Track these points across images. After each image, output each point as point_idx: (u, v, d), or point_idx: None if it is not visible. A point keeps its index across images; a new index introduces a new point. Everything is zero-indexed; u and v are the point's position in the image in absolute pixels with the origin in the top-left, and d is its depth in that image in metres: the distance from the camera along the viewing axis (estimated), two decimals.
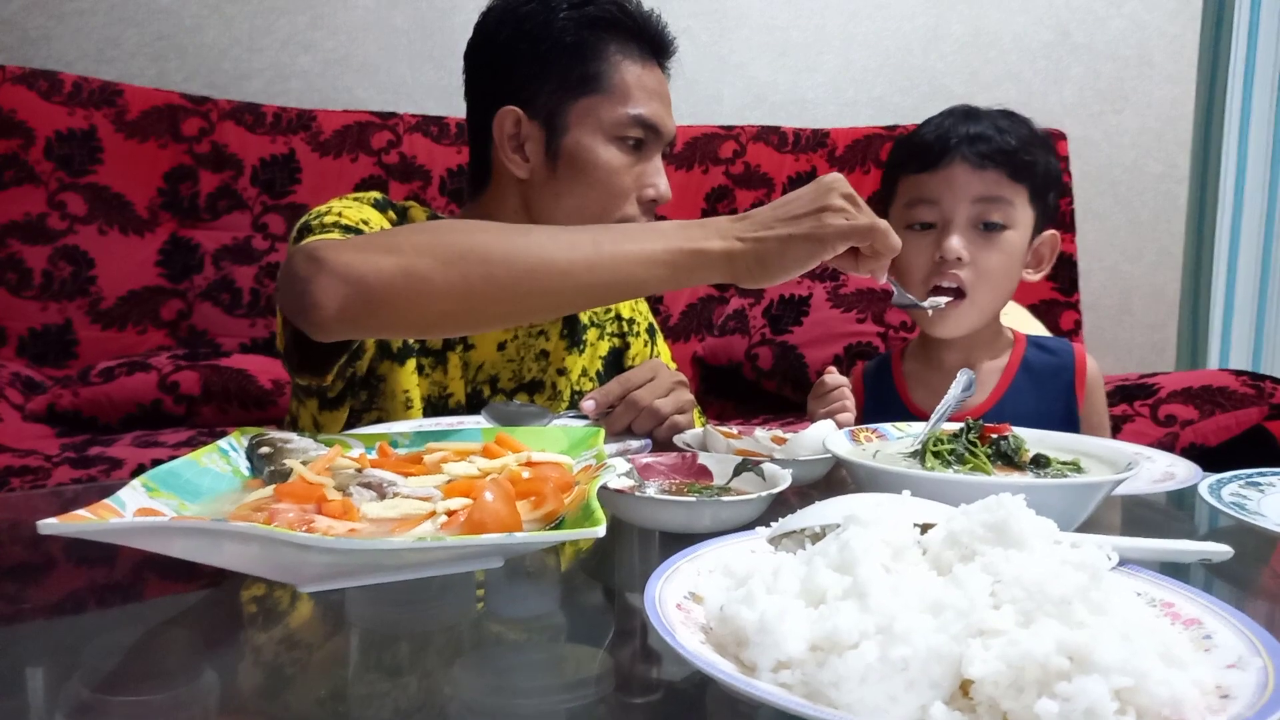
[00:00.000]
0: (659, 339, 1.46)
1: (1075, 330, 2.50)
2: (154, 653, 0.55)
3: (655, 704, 0.49)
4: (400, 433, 0.85)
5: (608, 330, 1.39)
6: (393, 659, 0.54)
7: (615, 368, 1.38)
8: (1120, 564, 0.53)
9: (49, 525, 0.50)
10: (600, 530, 0.53)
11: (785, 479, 0.76)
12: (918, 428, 0.89)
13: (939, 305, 1.10)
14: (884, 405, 1.19)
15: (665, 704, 0.49)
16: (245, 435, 0.79)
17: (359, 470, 0.70)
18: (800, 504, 0.59)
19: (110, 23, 2.33)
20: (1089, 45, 2.81)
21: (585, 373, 1.33)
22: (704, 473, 0.83)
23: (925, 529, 0.51)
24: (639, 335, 1.42)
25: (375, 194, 1.17)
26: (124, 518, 0.55)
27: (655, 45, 1.17)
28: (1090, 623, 0.41)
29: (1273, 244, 2.89)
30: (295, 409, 1.15)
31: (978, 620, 0.41)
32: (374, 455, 0.78)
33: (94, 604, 0.66)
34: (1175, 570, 0.58)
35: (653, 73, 1.16)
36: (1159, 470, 0.93)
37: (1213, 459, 1.19)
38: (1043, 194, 1.17)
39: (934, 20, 2.74)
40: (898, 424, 0.92)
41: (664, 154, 1.18)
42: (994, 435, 0.80)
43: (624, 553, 0.75)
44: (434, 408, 1.19)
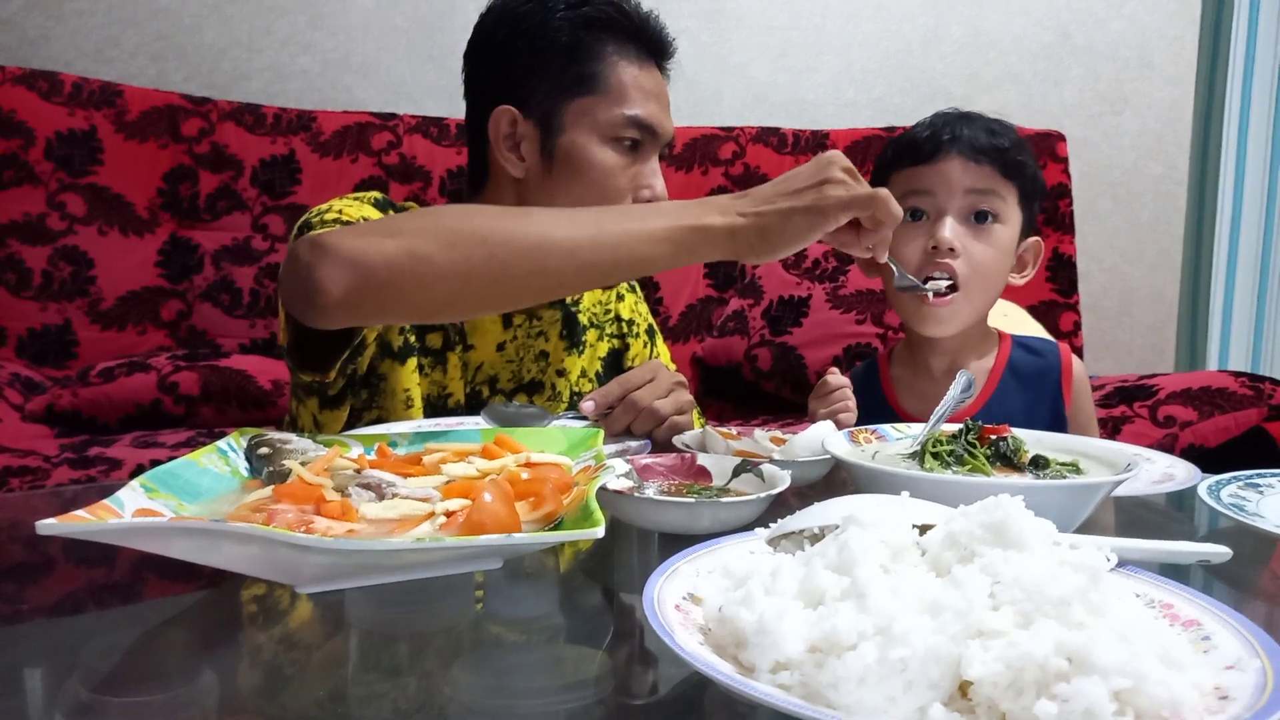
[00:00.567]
0: (659, 340, 1.46)
1: (1075, 332, 2.50)
2: (153, 653, 0.55)
3: (654, 705, 0.49)
4: (399, 433, 0.85)
5: (607, 331, 1.39)
6: (392, 660, 0.54)
7: (615, 369, 1.38)
8: (1119, 565, 0.53)
9: (48, 526, 0.50)
10: (599, 531, 0.53)
11: (784, 480, 0.76)
12: (917, 429, 0.89)
13: (939, 289, 1.12)
14: (872, 409, 1.19)
15: (664, 705, 0.49)
16: (244, 436, 0.79)
17: (358, 471, 0.70)
18: (799, 505, 0.59)
19: (109, 23, 2.33)
20: (1089, 47, 2.81)
21: (584, 374, 1.33)
22: (703, 474, 0.83)
23: (924, 530, 0.50)
24: (638, 336, 1.42)
25: (375, 194, 1.17)
26: (123, 518, 0.55)
27: (653, 46, 1.17)
28: (1089, 624, 0.41)
29: (1272, 245, 2.90)
30: (295, 409, 1.15)
31: (976, 621, 0.41)
32: (373, 456, 0.77)
33: (93, 604, 0.66)
34: (1174, 572, 0.58)
35: (650, 73, 1.16)
36: (1158, 471, 0.93)
37: (1212, 460, 1.19)
38: (1030, 199, 1.19)
39: (934, 21, 2.74)
40: (896, 425, 0.92)
41: (662, 155, 1.18)
42: (993, 436, 0.80)
43: (623, 554, 0.75)
44: (433, 408, 1.19)
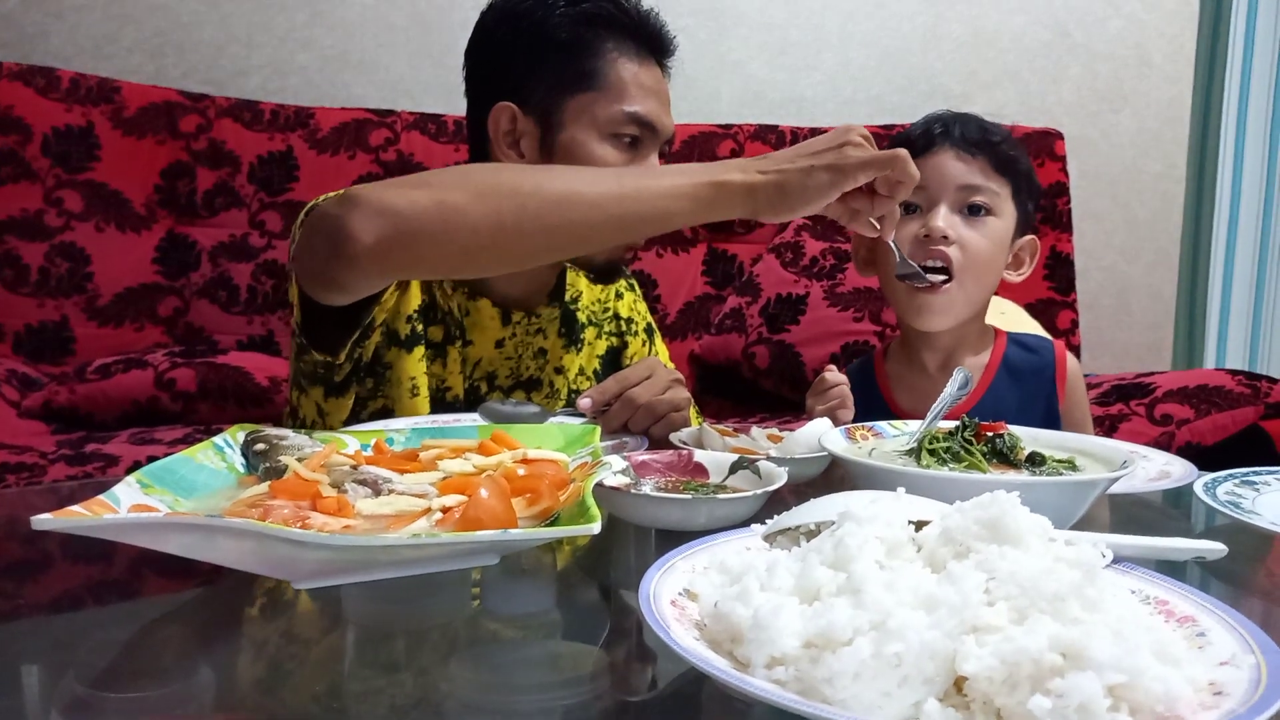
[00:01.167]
0: (657, 338, 1.46)
1: (1072, 330, 2.50)
2: (149, 649, 0.55)
3: (650, 701, 0.49)
4: (395, 430, 0.85)
5: (605, 329, 1.39)
6: (388, 656, 0.54)
7: (613, 366, 1.38)
8: (1115, 562, 0.53)
9: (43, 521, 0.50)
10: (596, 527, 0.53)
11: (781, 477, 0.76)
12: (914, 426, 0.89)
13: (935, 280, 1.13)
14: (867, 406, 1.19)
15: (660, 700, 0.49)
16: (241, 432, 0.79)
17: (354, 467, 0.70)
18: (796, 502, 0.59)
19: (107, 19, 2.33)
20: (1087, 45, 2.81)
21: (583, 371, 1.33)
22: (700, 470, 0.83)
23: (920, 526, 0.51)
24: (637, 334, 1.42)
25: None
26: (119, 514, 0.55)
27: (653, 43, 1.17)
28: (1084, 619, 0.41)
29: (1269, 244, 2.90)
30: (296, 399, 1.15)
31: (971, 617, 0.41)
32: (369, 452, 0.77)
33: (89, 600, 0.66)
34: (1170, 568, 0.58)
35: (650, 70, 1.15)
36: (1155, 469, 0.93)
37: (1208, 458, 1.19)
38: (1024, 196, 1.19)
39: (932, 19, 2.74)
40: (893, 422, 0.92)
41: (662, 152, 1.18)
42: (989, 433, 0.80)
43: (620, 550, 0.75)
44: (432, 402, 1.19)
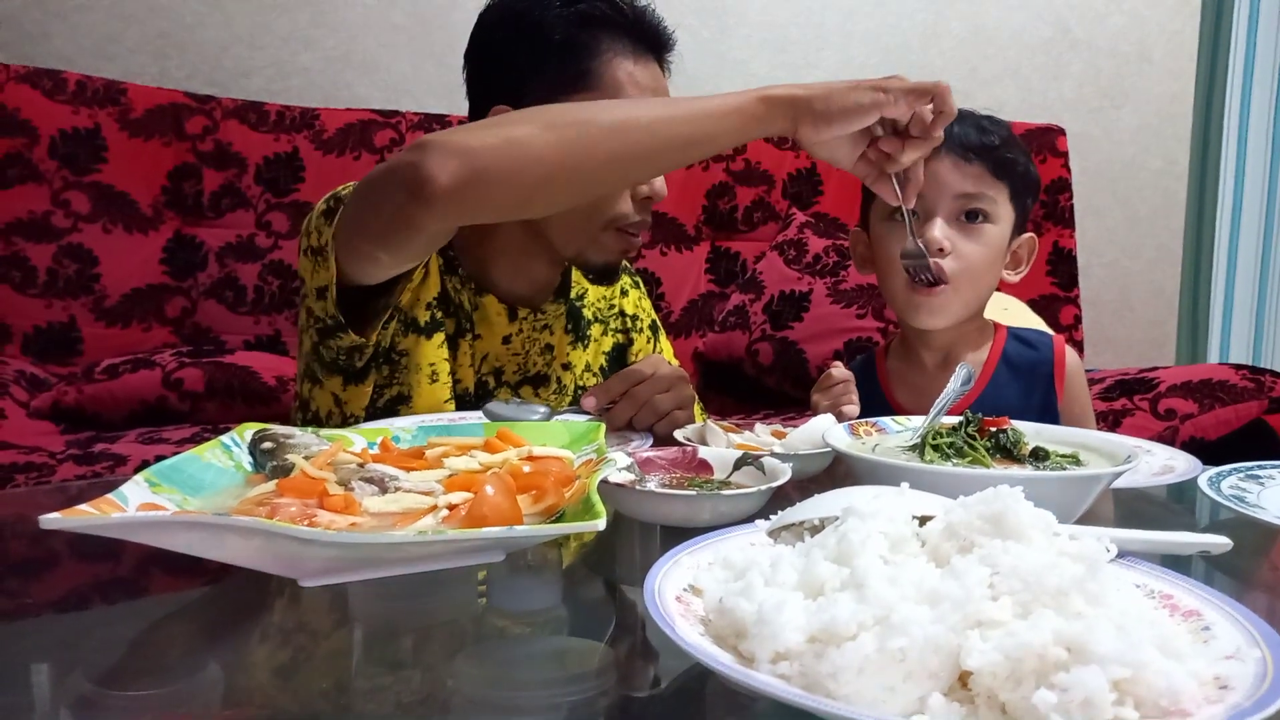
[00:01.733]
0: (662, 336, 1.46)
1: (1075, 326, 2.50)
2: (157, 647, 0.55)
3: (655, 696, 0.49)
4: (401, 428, 0.85)
5: (611, 326, 1.39)
6: (395, 653, 0.55)
7: (618, 363, 1.38)
8: (1119, 556, 0.53)
9: (52, 520, 0.50)
10: (601, 524, 0.54)
11: (785, 473, 0.76)
12: (917, 422, 0.89)
13: (930, 279, 1.12)
14: (868, 403, 1.19)
15: (665, 696, 0.49)
16: (248, 430, 0.79)
17: (361, 465, 0.70)
18: (800, 498, 0.59)
19: (110, 20, 2.33)
20: (1088, 41, 2.80)
21: (589, 368, 1.34)
22: (704, 467, 0.83)
23: (924, 521, 0.51)
24: (642, 331, 1.42)
25: None
26: (126, 512, 0.55)
27: (651, 41, 1.16)
28: (1088, 614, 0.41)
29: (1272, 239, 2.90)
30: (308, 393, 1.14)
31: (975, 611, 0.41)
32: (376, 450, 0.78)
33: (97, 598, 0.66)
34: (1175, 562, 0.58)
35: (647, 69, 1.15)
36: (1158, 463, 0.93)
37: (1212, 452, 1.19)
38: (1022, 195, 1.19)
39: (933, 17, 2.74)
40: (896, 418, 0.92)
41: None
42: (993, 428, 0.80)
43: (624, 546, 0.75)
44: None
